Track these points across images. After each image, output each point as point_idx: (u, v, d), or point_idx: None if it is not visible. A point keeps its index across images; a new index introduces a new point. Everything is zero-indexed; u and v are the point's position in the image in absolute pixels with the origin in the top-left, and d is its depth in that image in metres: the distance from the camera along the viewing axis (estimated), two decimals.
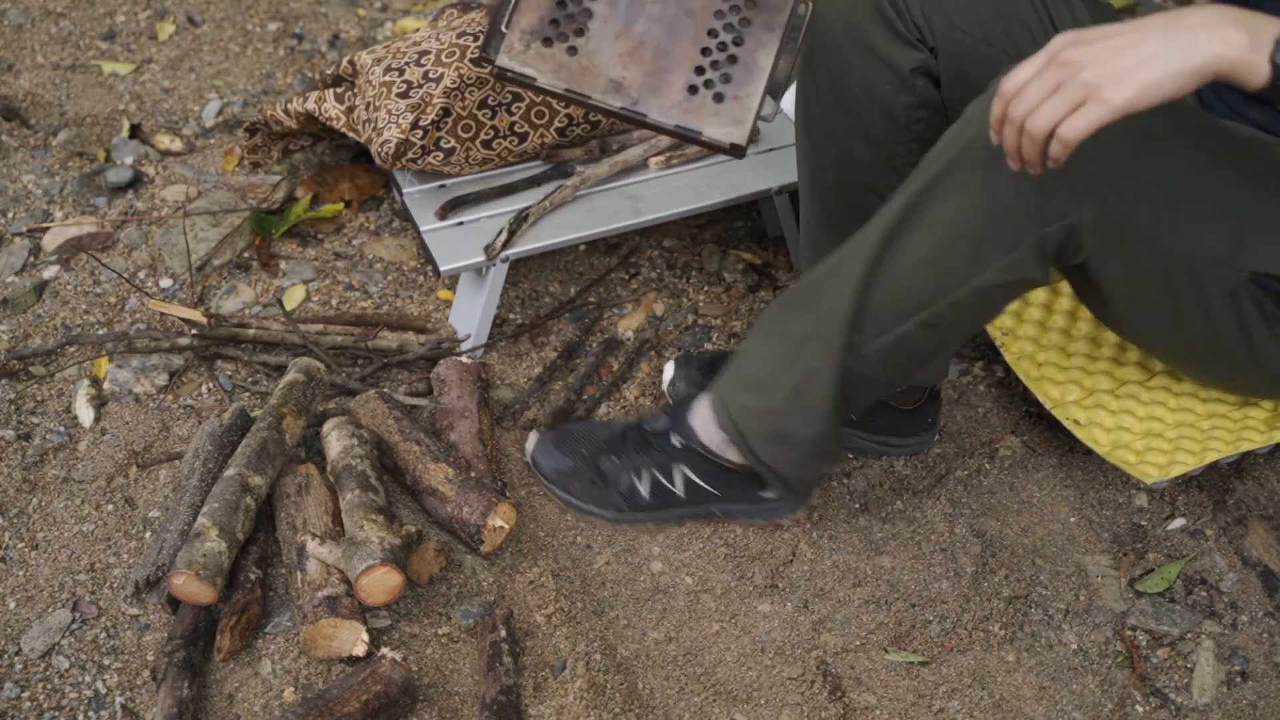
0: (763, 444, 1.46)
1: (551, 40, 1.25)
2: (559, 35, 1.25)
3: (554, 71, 1.25)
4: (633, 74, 1.25)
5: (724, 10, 1.27)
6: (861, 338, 1.33)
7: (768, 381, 1.42)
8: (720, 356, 1.79)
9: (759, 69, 1.28)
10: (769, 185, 1.96)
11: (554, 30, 1.25)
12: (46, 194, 2.10)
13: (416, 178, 1.93)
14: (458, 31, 1.95)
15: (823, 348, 1.35)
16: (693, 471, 1.56)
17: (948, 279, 1.28)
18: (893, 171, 1.48)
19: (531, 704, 1.44)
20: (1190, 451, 1.59)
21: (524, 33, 1.24)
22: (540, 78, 1.25)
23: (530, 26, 1.24)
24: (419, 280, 2.00)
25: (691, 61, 1.27)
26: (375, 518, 1.47)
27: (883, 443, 1.75)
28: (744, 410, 1.46)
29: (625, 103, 1.26)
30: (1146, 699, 1.52)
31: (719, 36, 1.28)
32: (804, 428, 1.43)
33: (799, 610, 1.59)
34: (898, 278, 1.30)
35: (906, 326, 1.32)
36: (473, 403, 1.71)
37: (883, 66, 1.43)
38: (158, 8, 2.54)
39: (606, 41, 1.25)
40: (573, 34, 1.25)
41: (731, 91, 1.26)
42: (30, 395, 1.77)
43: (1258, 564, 1.66)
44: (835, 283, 1.33)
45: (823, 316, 1.34)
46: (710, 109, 1.27)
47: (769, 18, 1.28)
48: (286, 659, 1.46)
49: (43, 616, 1.50)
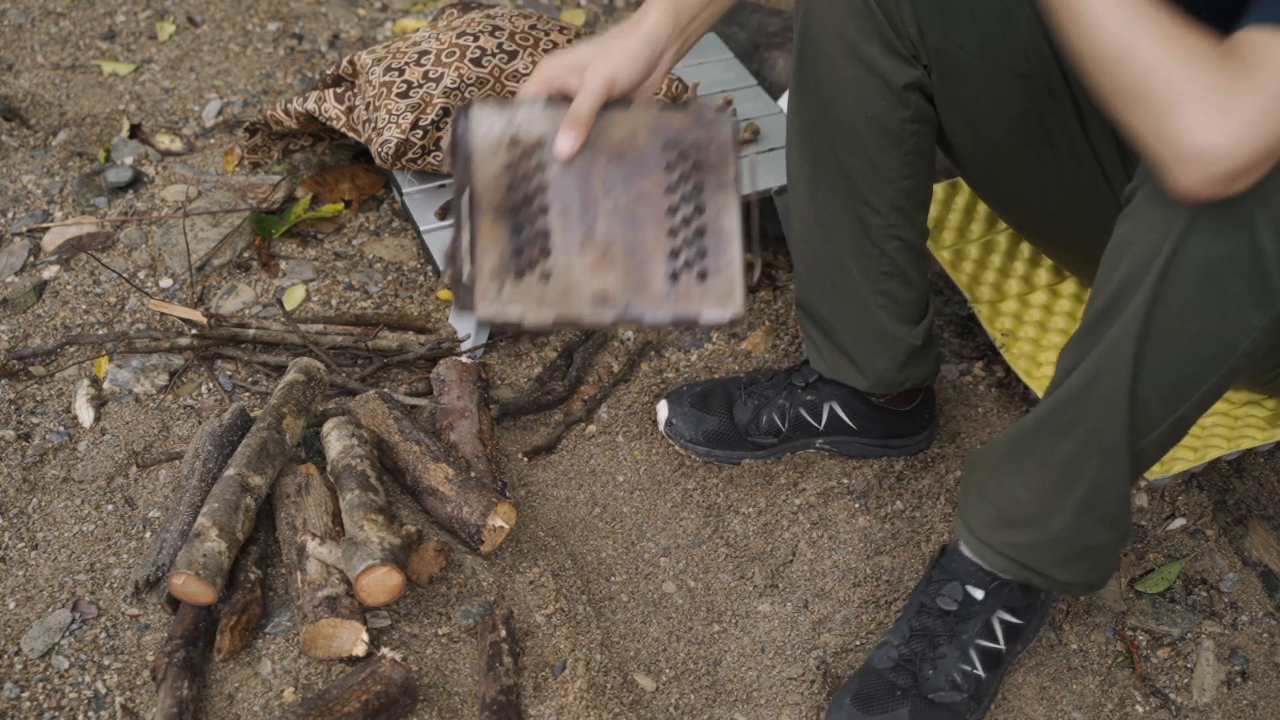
0: (1059, 569, 1.39)
1: (522, 272, 1.19)
2: (527, 264, 1.19)
3: (537, 304, 1.19)
4: (612, 280, 1.20)
5: (674, 183, 1.22)
6: (1137, 437, 1.28)
7: (1039, 513, 1.36)
8: (710, 388, 1.77)
9: (728, 233, 1.22)
10: (769, 185, 1.96)
11: (519, 261, 1.19)
12: (46, 194, 2.10)
13: (416, 178, 1.93)
14: (458, 31, 1.95)
15: (1104, 462, 1.29)
16: (1009, 614, 1.48)
17: (1215, 357, 1.20)
18: (886, 184, 1.48)
19: (531, 704, 1.44)
20: (1190, 449, 1.60)
21: (492, 273, 1.18)
22: (526, 315, 1.19)
23: (495, 265, 1.18)
24: (419, 280, 2.00)
25: (663, 249, 1.22)
26: (375, 518, 1.47)
27: (883, 445, 1.75)
28: (1021, 547, 1.39)
29: (616, 312, 1.20)
30: (1146, 699, 1.52)
31: (679, 212, 1.22)
32: (1105, 535, 1.36)
33: (799, 610, 1.59)
34: (1165, 374, 1.23)
35: (1182, 411, 1.26)
36: (473, 403, 1.71)
37: (877, 82, 1.42)
38: (158, 8, 2.54)
39: (574, 255, 1.20)
40: (540, 257, 1.19)
41: (712, 265, 1.21)
42: (30, 395, 1.77)
43: (1258, 564, 1.66)
44: (1097, 400, 1.26)
45: (1095, 434, 1.28)
46: (698, 290, 1.21)
47: (718, 176, 1.22)
48: (286, 659, 1.46)
49: (43, 616, 1.50)
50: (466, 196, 1.18)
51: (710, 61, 2.24)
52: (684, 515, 1.70)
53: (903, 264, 1.54)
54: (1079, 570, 1.40)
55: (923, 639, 1.45)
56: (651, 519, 1.69)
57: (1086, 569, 1.40)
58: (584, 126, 1.18)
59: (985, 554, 1.42)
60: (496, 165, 1.19)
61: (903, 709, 1.41)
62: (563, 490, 1.72)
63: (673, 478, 1.74)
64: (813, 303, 1.64)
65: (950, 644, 1.44)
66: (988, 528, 1.41)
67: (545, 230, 1.19)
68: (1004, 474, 1.38)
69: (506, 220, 1.18)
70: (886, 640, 1.47)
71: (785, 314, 2.00)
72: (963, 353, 1.94)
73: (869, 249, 1.53)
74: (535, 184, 1.19)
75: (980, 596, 1.44)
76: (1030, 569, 1.40)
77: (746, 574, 1.62)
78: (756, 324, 1.98)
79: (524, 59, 1.93)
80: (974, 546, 1.43)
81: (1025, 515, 1.37)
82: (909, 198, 1.50)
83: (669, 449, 1.77)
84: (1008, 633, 1.46)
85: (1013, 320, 1.78)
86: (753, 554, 1.64)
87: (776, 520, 1.69)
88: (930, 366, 1.69)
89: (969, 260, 1.86)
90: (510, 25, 1.97)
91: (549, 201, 1.19)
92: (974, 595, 1.44)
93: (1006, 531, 1.39)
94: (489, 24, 1.97)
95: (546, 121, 1.20)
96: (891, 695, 1.42)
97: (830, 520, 1.68)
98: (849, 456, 1.76)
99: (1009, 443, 1.39)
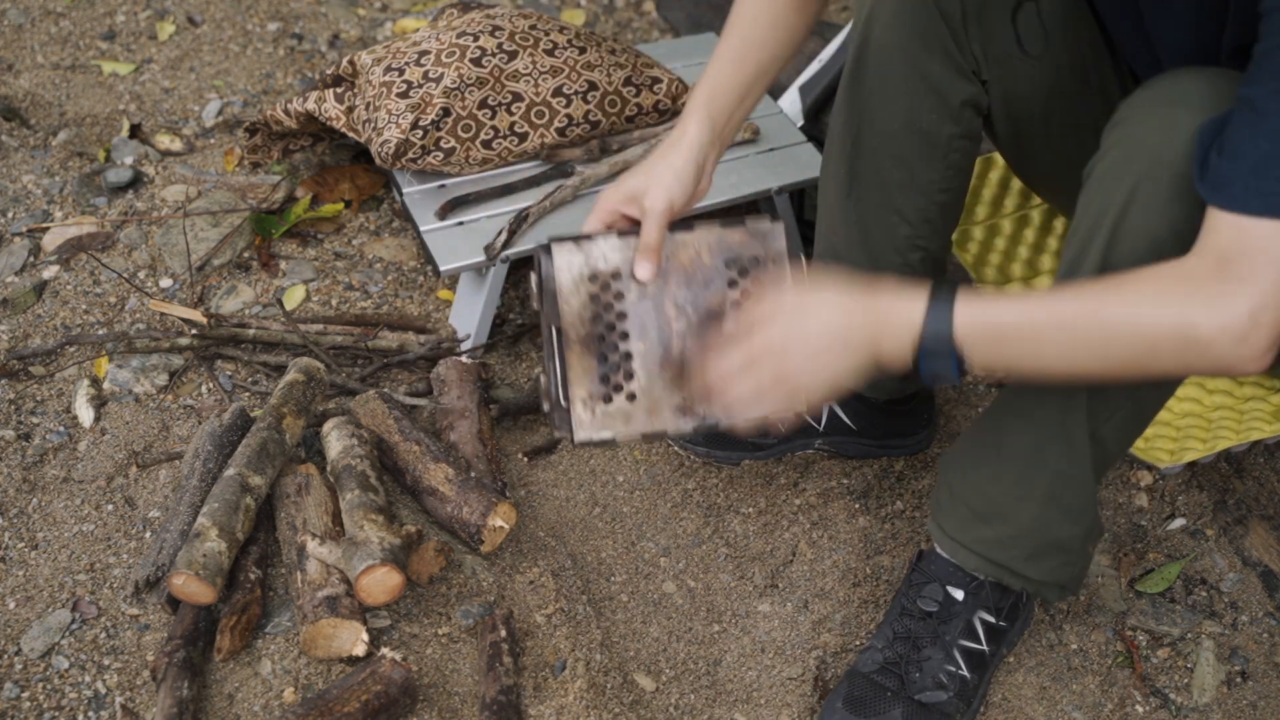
0: (1028, 564, 1.40)
1: (610, 396, 1.28)
2: (614, 389, 1.28)
3: (625, 423, 1.28)
4: (689, 391, 1.29)
5: (737, 298, 1.30)
6: (1097, 422, 1.29)
7: (1006, 506, 1.37)
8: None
9: None
10: (769, 185, 1.96)
11: (607, 387, 1.28)
12: (46, 194, 2.10)
13: (416, 178, 1.93)
14: (458, 31, 1.95)
15: (1066, 448, 1.31)
16: (991, 616, 1.48)
17: None
18: (922, 195, 1.49)
19: (531, 704, 1.44)
20: (1199, 439, 1.61)
21: (584, 402, 1.27)
22: (618, 435, 1.29)
23: (586, 394, 1.27)
24: (419, 280, 2.00)
25: None
26: (375, 518, 1.47)
27: (882, 445, 1.75)
28: (990, 543, 1.40)
29: (696, 421, 1.30)
30: (1146, 699, 1.52)
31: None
32: (1070, 528, 1.38)
33: (799, 610, 1.59)
34: None
35: (1141, 389, 1.28)
36: (473, 403, 1.71)
37: (933, 96, 1.42)
38: (158, 8, 2.54)
39: (655, 374, 1.29)
40: (625, 381, 1.28)
41: None
42: (30, 395, 1.77)
43: (1258, 564, 1.66)
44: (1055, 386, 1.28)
45: (1053, 419, 1.30)
46: None
47: (773, 261, 1.32)
48: (286, 659, 1.46)
49: (43, 616, 1.50)
50: (554, 332, 1.26)
51: None
52: (684, 515, 1.70)
53: (922, 275, 1.55)
54: (1048, 567, 1.41)
55: (906, 642, 1.46)
56: (651, 519, 1.69)
57: (1054, 566, 1.41)
58: (657, 253, 1.29)
59: (958, 552, 1.44)
60: (580, 300, 1.28)
61: (895, 710, 1.41)
62: (563, 490, 1.72)
63: (673, 478, 1.74)
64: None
65: (933, 645, 1.45)
66: (959, 526, 1.43)
67: (628, 354, 1.28)
68: (971, 469, 1.40)
69: (593, 350, 1.27)
70: (870, 644, 1.47)
71: None
72: None
73: (893, 257, 1.53)
74: (615, 312, 1.28)
75: (960, 597, 1.45)
76: (1001, 566, 1.41)
77: (746, 574, 1.62)
78: None
79: (524, 59, 1.93)
80: (947, 546, 1.45)
81: (993, 509, 1.39)
82: (942, 212, 1.51)
83: (669, 449, 1.77)
84: (989, 634, 1.47)
85: None
86: (753, 554, 1.64)
87: (776, 520, 1.69)
88: None
89: (974, 241, 1.87)
90: (510, 25, 1.97)
91: (629, 328, 1.28)
92: (954, 595, 1.45)
93: (976, 528, 1.41)
94: (489, 24, 1.97)
95: (619, 253, 1.29)
96: (882, 697, 1.42)
97: (830, 520, 1.68)
98: (848, 457, 1.76)
99: (973, 438, 1.41)
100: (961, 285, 1.15)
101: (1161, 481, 1.74)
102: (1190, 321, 1.05)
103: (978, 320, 1.13)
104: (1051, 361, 1.13)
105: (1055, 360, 1.13)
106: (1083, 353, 1.11)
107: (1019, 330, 1.13)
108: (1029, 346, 1.13)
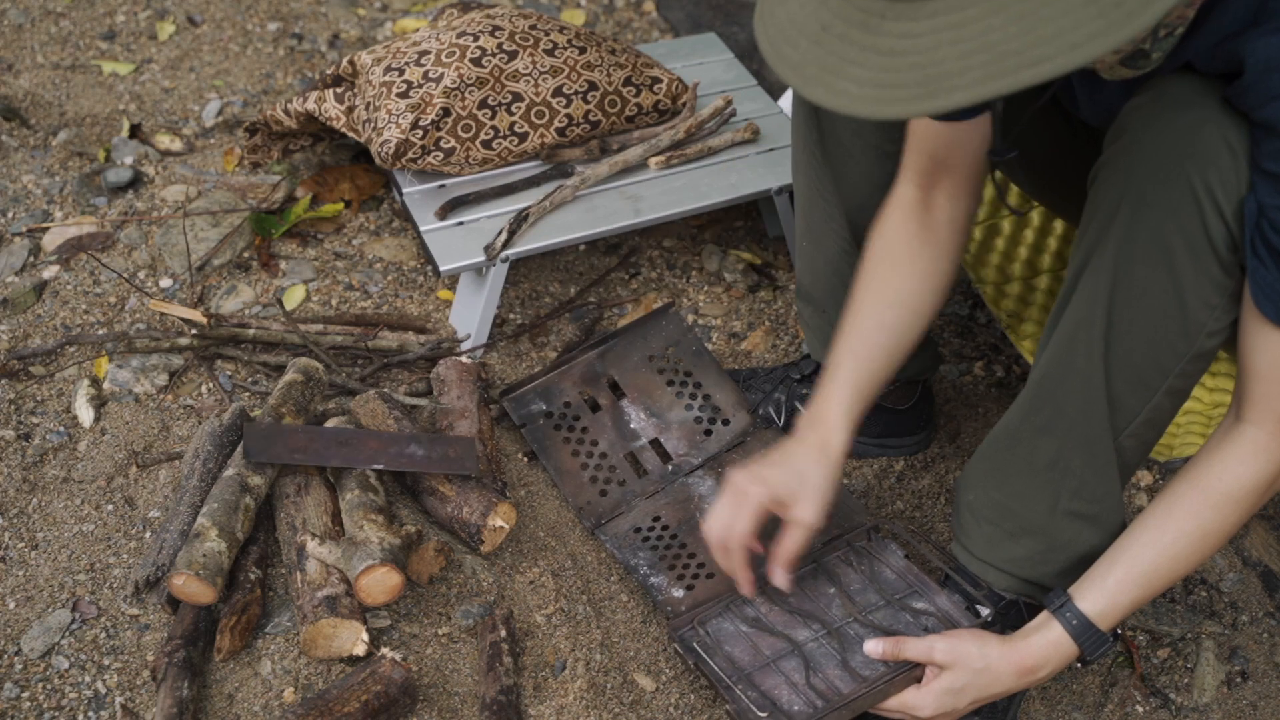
0: (1061, 580, 1.36)
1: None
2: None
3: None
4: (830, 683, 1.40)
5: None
6: (1116, 432, 1.28)
7: (1034, 521, 1.36)
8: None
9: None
10: (769, 185, 1.96)
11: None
12: (46, 194, 2.10)
13: (416, 178, 1.93)
14: (458, 31, 1.95)
15: (1089, 458, 1.30)
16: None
17: (1182, 339, 1.22)
18: (885, 192, 1.47)
19: (531, 704, 1.44)
20: (1198, 434, 1.61)
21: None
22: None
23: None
24: (419, 280, 2.00)
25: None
26: (375, 518, 1.47)
27: (882, 444, 1.75)
28: (1021, 561, 1.39)
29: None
30: (1146, 699, 1.52)
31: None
32: (1102, 538, 1.35)
33: None
34: (1134, 361, 1.24)
35: (1156, 399, 1.27)
36: (473, 403, 1.71)
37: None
38: (158, 8, 2.54)
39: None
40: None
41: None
42: (30, 395, 1.77)
43: (1258, 564, 1.66)
44: (1071, 393, 1.27)
45: (1075, 428, 1.29)
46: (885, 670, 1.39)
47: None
48: (286, 659, 1.46)
49: (43, 616, 1.50)
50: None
51: (710, 61, 2.24)
52: None
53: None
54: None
55: None
56: None
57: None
58: (796, 563, 1.41)
59: (987, 573, 1.41)
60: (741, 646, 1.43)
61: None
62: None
63: None
64: (813, 288, 1.64)
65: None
66: (986, 547, 1.40)
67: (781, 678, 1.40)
68: (992, 487, 1.38)
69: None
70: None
71: (785, 314, 2.00)
72: (963, 353, 1.94)
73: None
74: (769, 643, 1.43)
75: (986, 614, 1.42)
76: (1033, 583, 1.39)
77: None
78: (756, 324, 1.98)
79: (524, 59, 1.93)
80: (976, 568, 1.42)
81: (1021, 526, 1.36)
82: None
83: None
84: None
85: (1017, 303, 1.78)
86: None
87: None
88: (927, 360, 1.69)
89: (973, 241, 1.87)
90: (510, 25, 1.97)
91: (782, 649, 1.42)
92: (981, 613, 1.43)
93: (1005, 546, 1.39)
94: (489, 24, 1.97)
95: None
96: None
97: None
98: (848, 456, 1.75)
99: (990, 455, 1.38)
100: (1062, 592, 1.29)
101: (1161, 481, 1.74)
102: (1272, 484, 1.23)
103: (1106, 605, 1.27)
104: (1171, 581, 1.28)
105: (1174, 578, 1.27)
106: (1196, 560, 1.26)
107: (1138, 585, 1.26)
108: (1150, 588, 1.27)
